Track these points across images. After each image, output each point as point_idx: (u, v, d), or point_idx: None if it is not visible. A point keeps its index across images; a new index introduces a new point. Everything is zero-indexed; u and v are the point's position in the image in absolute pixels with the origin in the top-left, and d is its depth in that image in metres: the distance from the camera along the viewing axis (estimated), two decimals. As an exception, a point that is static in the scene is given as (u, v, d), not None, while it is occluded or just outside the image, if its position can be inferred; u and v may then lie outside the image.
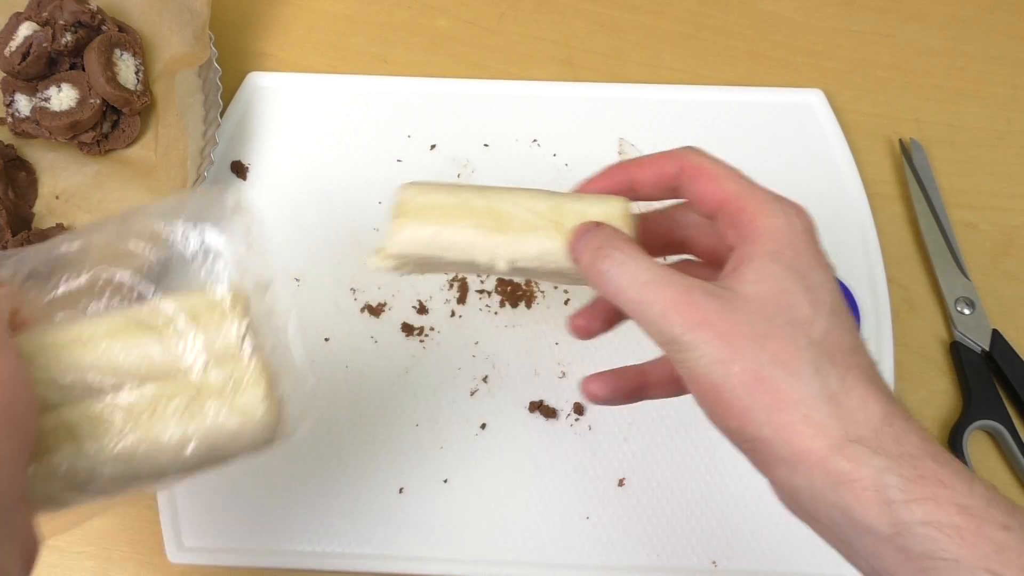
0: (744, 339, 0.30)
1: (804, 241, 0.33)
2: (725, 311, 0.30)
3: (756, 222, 0.33)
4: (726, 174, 0.35)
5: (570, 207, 0.35)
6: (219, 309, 0.33)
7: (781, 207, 0.34)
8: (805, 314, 0.31)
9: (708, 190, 0.35)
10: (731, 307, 0.31)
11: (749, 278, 0.31)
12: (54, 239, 0.33)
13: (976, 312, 0.50)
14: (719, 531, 0.46)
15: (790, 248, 0.32)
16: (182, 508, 0.47)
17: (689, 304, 0.31)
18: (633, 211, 0.35)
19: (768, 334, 0.30)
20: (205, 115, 0.54)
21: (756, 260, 0.32)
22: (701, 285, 0.31)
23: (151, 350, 0.32)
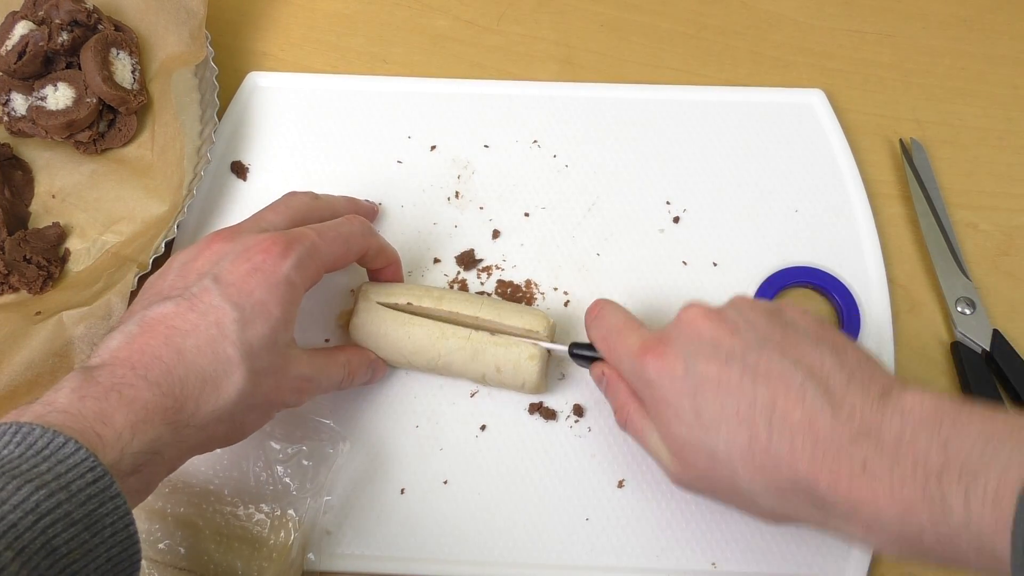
0: (709, 493, 0.39)
1: (664, 386, 0.38)
2: (687, 476, 0.39)
3: (638, 392, 0.41)
4: (606, 349, 0.43)
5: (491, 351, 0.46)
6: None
7: (632, 367, 0.40)
8: (712, 446, 0.36)
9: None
10: (687, 473, 0.39)
11: (668, 444, 0.39)
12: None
13: (977, 312, 0.50)
14: (718, 532, 0.46)
15: (663, 405, 0.38)
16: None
17: (669, 473, 0.40)
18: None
19: (713, 488, 0.39)
20: (202, 114, 0.54)
21: (659, 427, 0.40)
22: (665, 456, 0.39)
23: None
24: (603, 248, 0.52)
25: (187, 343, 0.36)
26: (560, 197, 0.54)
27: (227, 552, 0.43)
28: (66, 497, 0.30)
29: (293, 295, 0.39)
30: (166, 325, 0.36)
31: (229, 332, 0.37)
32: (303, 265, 0.40)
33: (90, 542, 0.31)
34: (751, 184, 0.54)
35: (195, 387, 0.36)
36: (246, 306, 0.37)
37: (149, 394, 0.34)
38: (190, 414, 0.35)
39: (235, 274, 0.38)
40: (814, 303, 0.52)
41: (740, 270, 0.52)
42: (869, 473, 0.32)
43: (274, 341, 0.38)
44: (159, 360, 0.35)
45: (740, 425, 0.35)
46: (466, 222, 0.53)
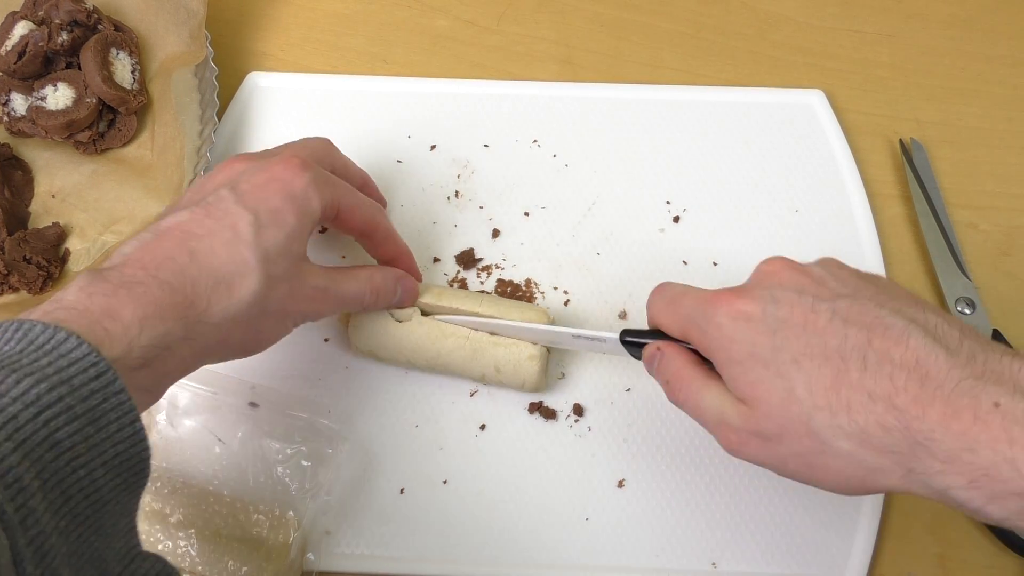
0: (773, 443, 0.34)
1: (735, 327, 0.35)
2: (747, 422, 0.35)
3: (701, 345, 0.37)
4: (669, 318, 0.40)
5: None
6: None
7: (705, 317, 0.37)
8: (781, 388, 0.34)
9: (671, 334, 0.40)
10: (747, 417, 0.35)
11: (734, 389, 0.35)
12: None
13: (977, 312, 0.50)
14: (719, 532, 0.46)
15: (732, 345, 0.35)
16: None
17: (726, 426, 0.36)
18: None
19: (779, 432, 0.34)
20: (202, 114, 0.54)
21: (724, 372, 0.36)
22: (727, 403, 0.36)
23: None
24: (603, 248, 0.52)
25: (201, 245, 0.36)
26: (560, 197, 0.54)
27: (226, 552, 0.43)
28: (68, 391, 0.30)
29: (308, 208, 0.39)
30: (181, 230, 0.36)
31: (244, 235, 0.37)
32: (320, 184, 0.40)
33: (95, 436, 0.30)
34: (751, 184, 0.54)
35: (207, 286, 0.35)
36: (261, 211, 0.38)
37: (159, 291, 0.34)
38: (202, 311, 0.35)
39: (252, 183, 0.38)
40: (814, 303, 0.52)
41: (740, 270, 0.51)
42: (1005, 413, 0.28)
43: (288, 249, 0.38)
44: (171, 260, 0.35)
45: (826, 362, 0.32)
46: (466, 221, 0.53)
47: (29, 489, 0.28)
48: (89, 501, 0.30)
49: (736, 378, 0.35)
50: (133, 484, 0.32)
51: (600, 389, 0.49)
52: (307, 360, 0.49)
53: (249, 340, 0.39)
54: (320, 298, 0.41)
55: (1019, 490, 0.28)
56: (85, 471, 0.30)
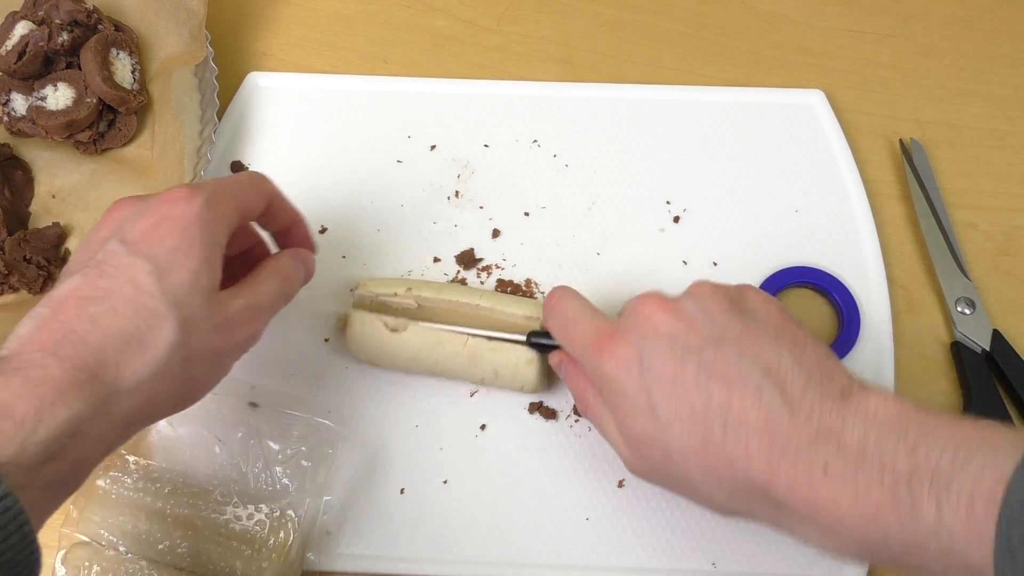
0: (659, 483, 0.40)
1: (617, 373, 0.38)
2: (638, 467, 0.40)
3: (594, 383, 0.41)
4: (563, 339, 0.43)
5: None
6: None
7: (588, 360, 0.40)
8: (666, 444, 0.36)
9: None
10: (639, 464, 0.39)
11: (624, 434, 0.39)
12: None
13: (977, 312, 0.50)
14: (719, 532, 0.46)
15: (619, 397, 0.38)
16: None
17: (623, 459, 0.40)
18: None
19: (664, 480, 0.39)
20: (202, 114, 0.54)
21: (616, 416, 0.39)
22: (621, 444, 0.39)
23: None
24: (603, 248, 0.52)
25: (101, 309, 0.33)
26: (560, 197, 0.54)
27: (227, 552, 0.43)
28: None
29: (210, 234, 0.36)
30: (76, 298, 0.33)
31: (146, 285, 0.33)
32: (214, 202, 0.36)
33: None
34: (751, 184, 0.54)
35: (115, 350, 0.32)
36: (159, 256, 0.34)
37: (59, 370, 0.31)
38: (111, 380, 0.32)
39: (140, 230, 0.35)
40: (814, 303, 0.52)
41: (740, 270, 0.52)
42: (831, 476, 0.32)
43: (197, 286, 0.35)
44: (72, 333, 0.32)
45: (694, 423, 0.35)
46: (466, 221, 0.53)
47: None
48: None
49: (622, 428, 0.38)
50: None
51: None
52: (307, 360, 0.49)
53: (183, 391, 0.36)
54: (248, 318, 0.38)
55: (861, 541, 0.32)
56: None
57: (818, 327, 0.51)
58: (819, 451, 0.32)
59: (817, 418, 0.33)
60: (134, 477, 0.45)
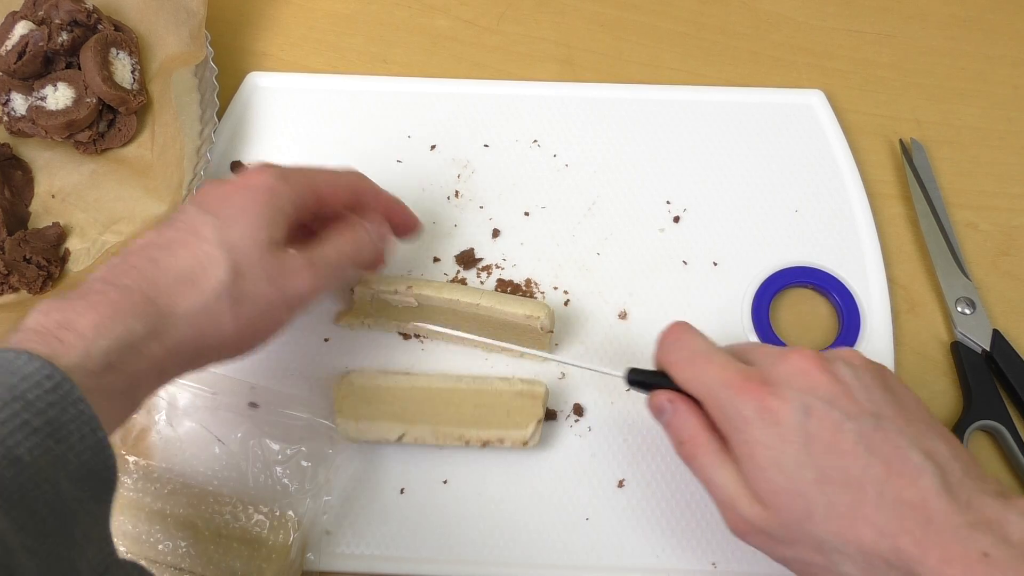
0: (781, 545, 0.37)
1: (761, 425, 0.36)
2: (758, 519, 0.37)
3: (719, 422, 0.38)
4: (687, 378, 0.40)
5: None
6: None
7: (728, 398, 0.37)
8: (802, 507, 0.35)
9: (685, 390, 0.40)
10: (759, 516, 0.37)
11: (749, 482, 0.37)
12: None
13: (977, 312, 0.50)
14: (719, 532, 0.46)
15: (756, 443, 0.36)
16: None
17: (735, 512, 0.37)
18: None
19: (791, 540, 0.36)
20: (202, 114, 0.54)
21: (741, 463, 0.37)
22: (739, 489, 0.37)
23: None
24: (603, 248, 0.52)
25: (162, 252, 0.36)
26: (560, 197, 0.54)
27: (227, 553, 0.43)
28: (22, 407, 0.29)
29: (276, 200, 0.39)
30: (144, 244, 0.37)
31: (206, 234, 0.37)
32: (286, 176, 0.40)
33: (56, 449, 0.30)
34: (751, 184, 0.54)
35: (169, 283, 0.35)
36: (223, 212, 0.37)
37: (117, 295, 0.34)
38: (164, 305, 0.35)
39: (214, 195, 0.39)
40: (814, 303, 0.52)
41: (740, 270, 0.52)
42: (991, 563, 0.32)
43: (254, 238, 0.37)
44: (133, 268, 0.35)
45: (846, 489, 0.34)
46: (466, 221, 0.53)
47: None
48: (56, 515, 0.30)
49: (755, 479, 0.36)
50: (101, 493, 0.32)
51: (600, 389, 0.49)
52: (307, 360, 0.49)
53: (232, 335, 0.37)
54: (305, 274, 0.39)
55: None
56: (50, 485, 0.30)
57: (818, 327, 0.51)
58: (978, 537, 0.32)
59: (977, 507, 0.33)
60: (134, 477, 0.45)
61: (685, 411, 0.39)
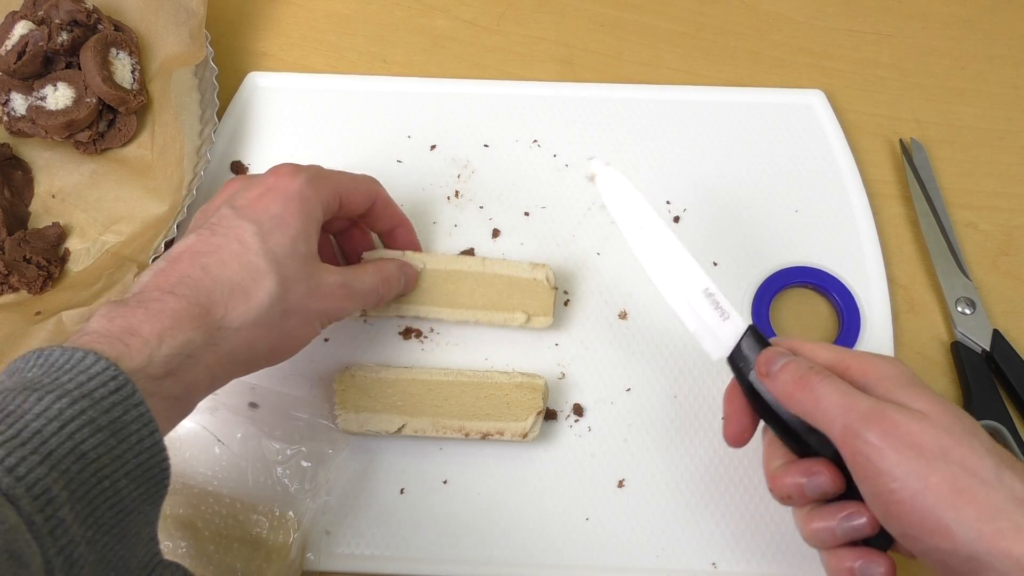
0: (932, 450, 0.33)
1: (916, 376, 0.36)
2: (912, 421, 0.33)
3: (872, 371, 0.36)
4: (818, 347, 0.39)
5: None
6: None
7: (882, 357, 0.37)
8: (970, 425, 0.34)
9: (813, 357, 0.38)
10: (916, 418, 0.33)
11: (913, 401, 0.34)
12: None
13: (977, 312, 0.50)
14: (719, 532, 0.46)
15: (918, 380, 0.36)
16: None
17: (882, 414, 0.34)
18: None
19: (951, 445, 0.33)
20: (202, 114, 0.54)
21: (904, 389, 0.35)
22: (887, 402, 0.34)
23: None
24: (603, 248, 0.52)
25: (211, 260, 0.37)
26: (560, 197, 0.54)
27: (227, 553, 0.43)
28: (89, 404, 0.31)
29: (309, 208, 0.40)
30: (190, 252, 0.38)
31: (251, 244, 0.38)
32: (315, 182, 0.41)
33: (117, 448, 0.31)
34: (751, 184, 0.54)
35: (223, 294, 0.37)
36: (263, 220, 0.39)
37: (175, 304, 0.35)
38: (220, 317, 0.36)
39: (249, 197, 0.40)
40: (814, 303, 0.52)
41: (740, 270, 0.52)
42: None
43: (295, 250, 0.39)
44: (186, 277, 0.37)
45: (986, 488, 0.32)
46: (466, 221, 0.53)
47: (58, 500, 0.29)
48: (114, 511, 0.31)
49: (916, 396, 0.35)
50: (154, 494, 0.33)
51: (600, 389, 0.49)
52: (307, 360, 0.49)
53: (276, 344, 0.40)
54: (340, 294, 0.42)
55: None
56: (109, 482, 0.31)
57: (818, 327, 0.51)
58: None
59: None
60: (134, 477, 0.45)
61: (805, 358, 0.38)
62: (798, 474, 0.36)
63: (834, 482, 0.36)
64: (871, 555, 0.35)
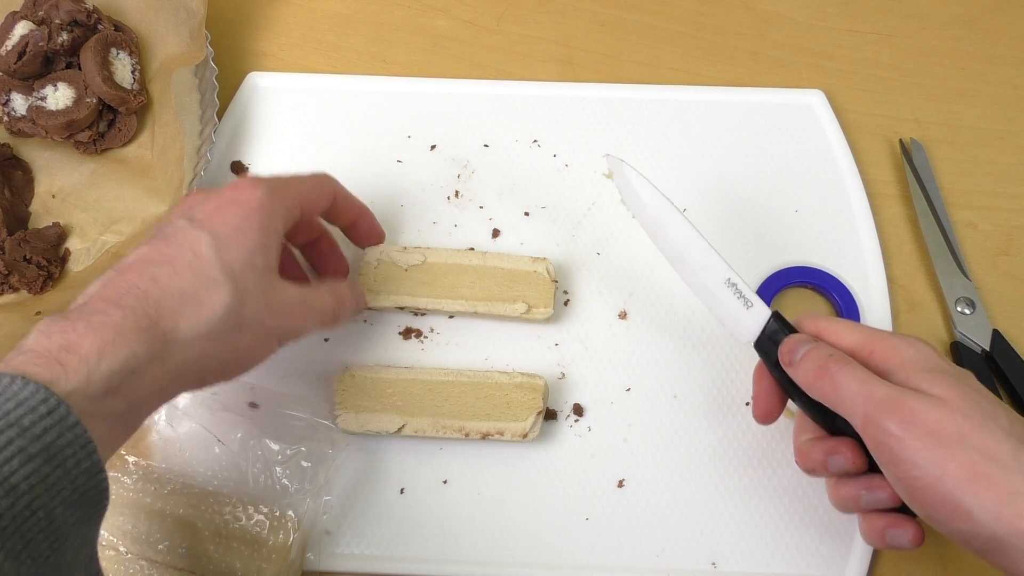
0: (951, 436, 0.33)
1: (940, 357, 0.37)
2: (931, 408, 0.34)
3: (895, 356, 0.37)
4: (844, 328, 0.39)
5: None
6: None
7: (906, 340, 0.38)
8: (989, 408, 0.34)
9: (838, 341, 0.39)
10: (935, 405, 0.34)
11: (932, 387, 0.35)
12: None
13: (976, 312, 0.50)
14: (719, 532, 0.46)
15: (939, 364, 0.36)
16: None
17: (901, 403, 0.34)
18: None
19: (969, 430, 0.33)
20: (202, 114, 0.54)
21: (925, 375, 0.35)
22: (911, 391, 0.35)
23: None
24: (603, 248, 0.52)
25: (162, 271, 0.36)
26: (560, 197, 0.54)
27: (226, 553, 0.43)
28: (17, 434, 0.29)
29: (269, 221, 0.39)
30: (141, 261, 0.36)
31: (206, 255, 0.36)
32: (274, 193, 0.40)
33: (52, 475, 0.30)
34: (751, 184, 0.54)
35: (172, 305, 0.35)
36: (220, 231, 0.37)
37: (120, 317, 0.33)
38: (168, 329, 0.35)
39: (206, 209, 0.38)
40: (814, 303, 0.52)
41: (740, 270, 0.51)
42: None
43: (253, 263, 0.38)
44: (134, 288, 0.35)
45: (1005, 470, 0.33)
46: (466, 221, 0.53)
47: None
48: (49, 541, 0.30)
49: (936, 381, 0.35)
50: (92, 516, 0.32)
51: (600, 389, 0.49)
52: (307, 360, 0.49)
53: (230, 359, 0.38)
54: (298, 312, 0.41)
55: None
56: (44, 512, 0.30)
57: (818, 327, 0.51)
58: None
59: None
60: (134, 477, 0.45)
61: (827, 344, 0.39)
62: (821, 453, 0.38)
63: (854, 462, 0.37)
64: (900, 521, 0.37)
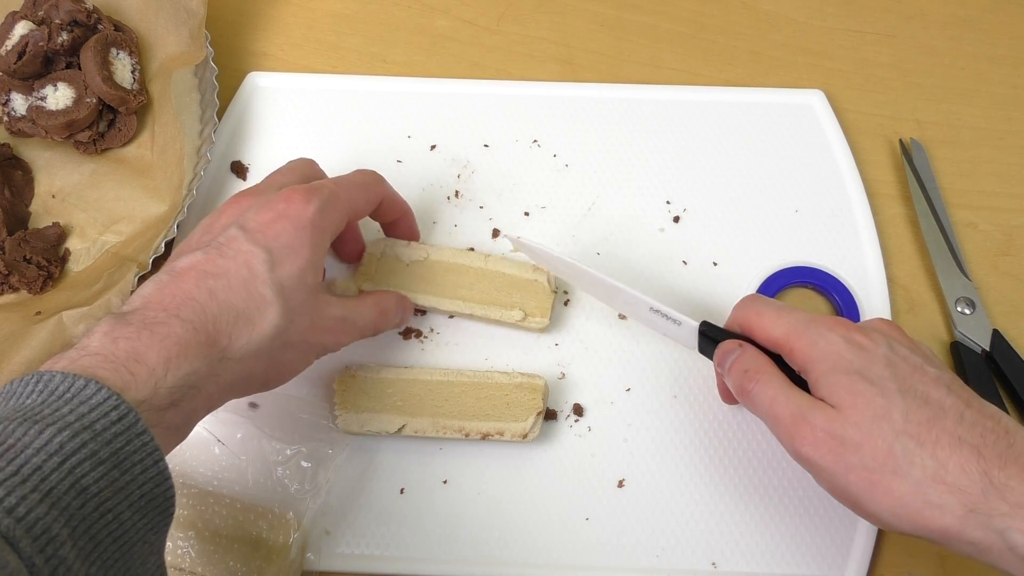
0: (848, 448, 0.35)
1: (848, 348, 0.37)
2: (829, 422, 0.36)
3: (809, 353, 0.38)
4: (771, 321, 0.40)
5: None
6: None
7: (819, 331, 0.38)
8: (880, 406, 0.35)
9: (765, 337, 0.40)
10: (831, 418, 0.36)
11: (831, 395, 0.36)
12: None
13: (976, 312, 0.50)
14: (719, 532, 0.46)
15: (841, 362, 0.37)
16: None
17: (803, 422, 0.36)
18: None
19: (860, 440, 0.35)
20: (202, 114, 0.54)
21: (825, 379, 0.37)
22: (811, 403, 0.37)
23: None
24: (603, 248, 0.52)
25: (218, 284, 0.36)
26: (560, 197, 0.54)
27: (227, 553, 0.43)
28: (90, 437, 0.30)
29: (319, 238, 0.40)
30: (196, 271, 0.37)
31: (260, 272, 0.37)
32: (326, 210, 0.40)
33: (120, 480, 0.31)
34: (751, 184, 0.54)
35: (228, 323, 0.36)
36: (274, 248, 0.38)
37: (182, 330, 0.34)
38: (223, 348, 0.36)
39: (260, 221, 0.39)
40: (814, 303, 0.52)
41: (740, 270, 0.52)
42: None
43: (304, 281, 0.39)
44: (192, 300, 0.36)
45: (927, 404, 0.35)
46: (466, 221, 0.53)
47: (59, 539, 0.28)
48: (117, 544, 0.31)
49: (834, 385, 0.37)
50: (159, 523, 0.33)
51: (600, 389, 0.49)
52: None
53: (272, 371, 0.39)
54: (340, 328, 0.42)
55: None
56: (113, 515, 0.30)
57: (818, 327, 0.51)
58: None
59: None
60: (134, 477, 0.45)
61: (754, 351, 0.41)
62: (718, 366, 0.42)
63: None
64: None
